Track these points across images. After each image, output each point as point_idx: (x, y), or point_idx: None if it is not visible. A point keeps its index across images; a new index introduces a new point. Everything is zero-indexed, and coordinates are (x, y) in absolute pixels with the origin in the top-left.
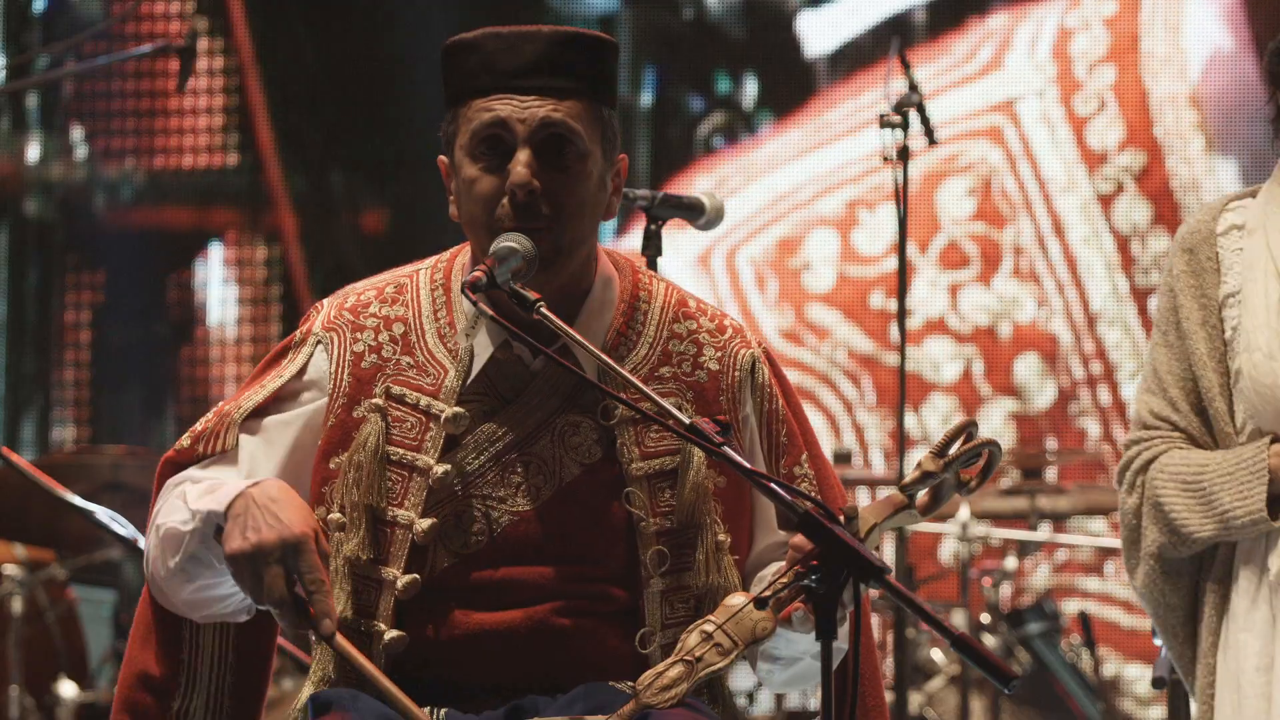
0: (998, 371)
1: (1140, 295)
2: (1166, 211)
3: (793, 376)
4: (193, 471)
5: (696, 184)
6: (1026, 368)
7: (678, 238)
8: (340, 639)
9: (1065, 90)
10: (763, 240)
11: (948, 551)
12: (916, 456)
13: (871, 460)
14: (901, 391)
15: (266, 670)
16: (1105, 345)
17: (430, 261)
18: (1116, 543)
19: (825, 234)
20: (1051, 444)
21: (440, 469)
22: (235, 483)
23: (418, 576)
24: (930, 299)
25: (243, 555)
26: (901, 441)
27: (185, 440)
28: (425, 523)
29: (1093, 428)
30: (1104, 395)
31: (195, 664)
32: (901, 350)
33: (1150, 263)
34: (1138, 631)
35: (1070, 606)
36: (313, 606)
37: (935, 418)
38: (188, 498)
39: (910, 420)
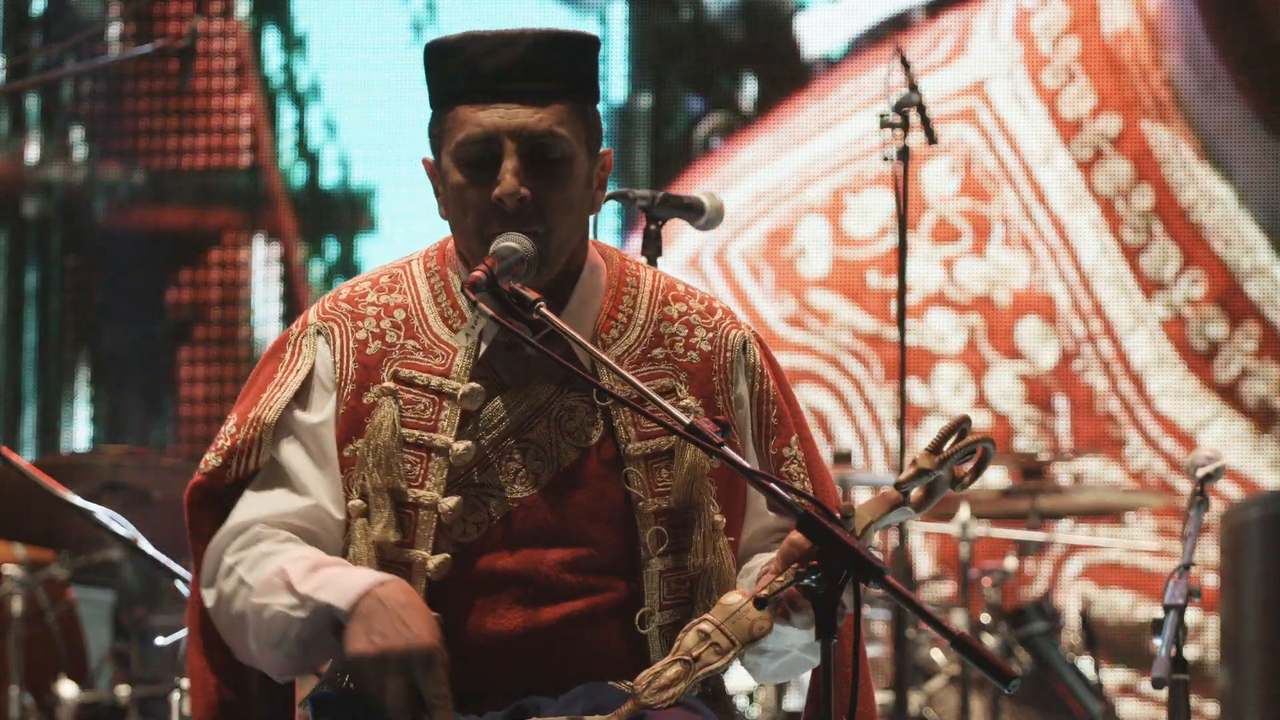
0: (1000, 336)
1: (1131, 253)
2: (1147, 169)
3: (800, 360)
4: (260, 516)
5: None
6: (1028, 330)
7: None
8: None
9: (1032, 67)
10: (750, 235)
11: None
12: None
13: (886, 435)
14: (902, 403)
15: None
16: (1101, 301)
17: (419, 253)
18: (1111, 542)
19: (815, 221)
20: (1061, 403)
21: (460, 445)
22: (353, 572)
23: (449, 556)
24: (926, 273)
25: (369, 659)
26: (902, 447)
27: (214, 460)
28: (450, 501)
29: (1099, 381)
30: (1106, 348)
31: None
32: (901, 366)
33: (1138, 220)
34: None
35: None
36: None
37: (945, 388)
38: (290, 577)
39: (921, 391)
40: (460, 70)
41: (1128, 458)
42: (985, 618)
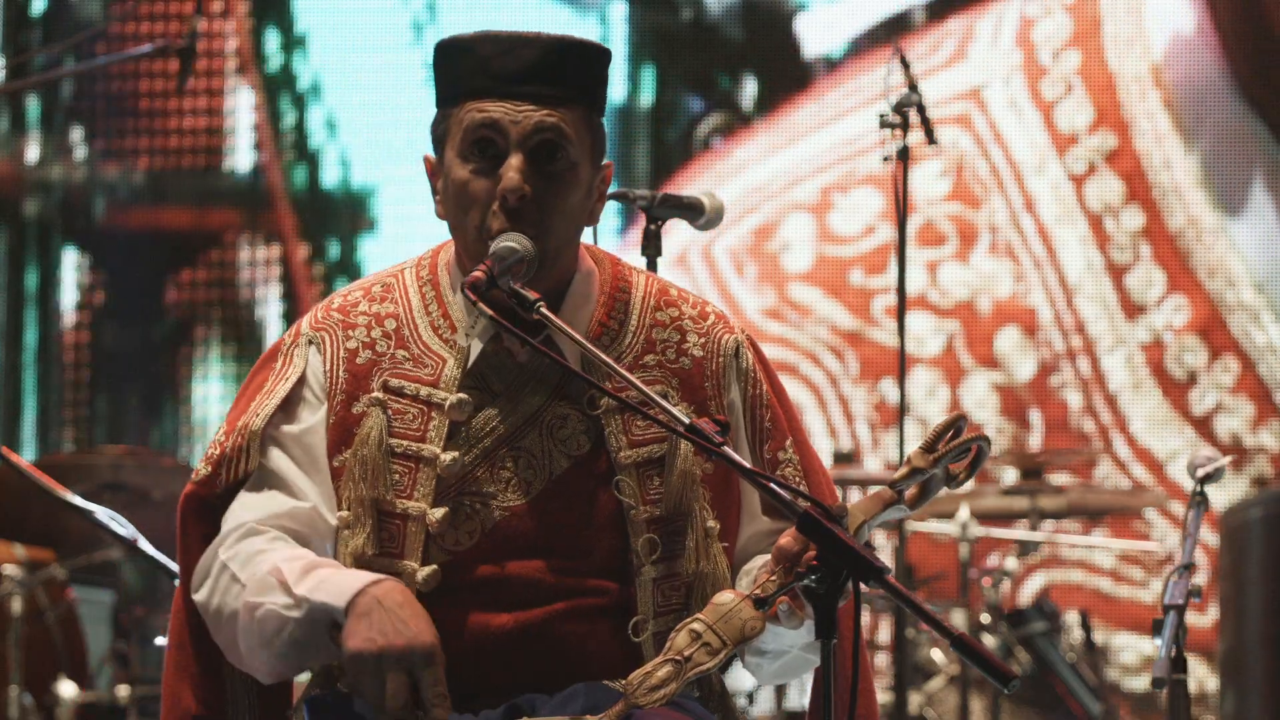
0: (979, 344)
1: (1116, 271)
2: (1139, 190)
3: (777, 352)
4: (252, 517)
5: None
6: (1008, 340)
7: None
8: None
9: (1031, 76)
10: (737, 231)
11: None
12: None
13: (858, 432)
14: (902, 405)
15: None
16: (1084, 318)
17: (413, 261)
18: (1110, 542)
19: (801, 218)
20: (1035, 416)
21: (448, 456)
22: (347, 573)
23: (438, 568)
24: (909, 276)
25: (369, 657)
26: (901, 450)
27: (204, 469)
28: (438, 512)
29: (1074, 398)
30: (1084, 367)
31: (234, 689)
32: (901, 366)
33: (1126, 240)
34: (1121, 599)
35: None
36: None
37: (919, 390)
38: (286, 576)
39: (893, 393)
40: (472, 69)
41: (1097, 479)
42: (985, 618)
